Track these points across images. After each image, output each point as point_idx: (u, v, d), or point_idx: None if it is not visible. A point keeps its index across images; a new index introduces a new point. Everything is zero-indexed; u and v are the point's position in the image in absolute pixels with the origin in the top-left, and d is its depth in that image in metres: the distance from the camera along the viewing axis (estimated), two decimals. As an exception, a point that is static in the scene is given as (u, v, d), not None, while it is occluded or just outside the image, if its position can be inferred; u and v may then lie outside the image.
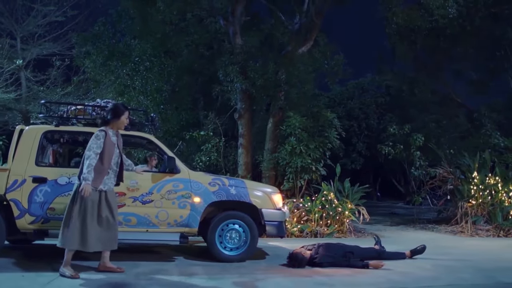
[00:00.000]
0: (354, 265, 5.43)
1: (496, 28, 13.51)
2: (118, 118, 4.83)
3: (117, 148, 4.84)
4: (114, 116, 4.82)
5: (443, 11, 10.53)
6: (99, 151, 4.61)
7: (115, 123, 4.84)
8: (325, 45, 13.06)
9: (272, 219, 5.80)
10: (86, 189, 4.47)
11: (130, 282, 4.44)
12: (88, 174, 4.50)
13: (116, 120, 4.83)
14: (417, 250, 6.25)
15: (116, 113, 4.83)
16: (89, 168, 4.51)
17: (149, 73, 12.18)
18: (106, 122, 4.84)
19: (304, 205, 9.17)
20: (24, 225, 5.32)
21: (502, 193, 10.26)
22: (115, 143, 4.81)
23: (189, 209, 5.57)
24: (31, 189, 5.32)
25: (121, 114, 4.84)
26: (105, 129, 4.75)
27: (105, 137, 4.67)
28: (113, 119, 4.82)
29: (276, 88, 11.16)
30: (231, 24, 11.90)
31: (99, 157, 4.63)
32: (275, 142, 11.35)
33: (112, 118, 4.82)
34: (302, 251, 5.55)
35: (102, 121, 4.92)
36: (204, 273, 4.97)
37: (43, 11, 13.75)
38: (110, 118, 4.82)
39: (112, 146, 4.74)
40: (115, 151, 4.80)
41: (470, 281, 4.78)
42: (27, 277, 4.51)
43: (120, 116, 4.83)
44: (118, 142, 4.88)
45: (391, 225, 11.89)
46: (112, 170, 4.78)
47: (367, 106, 23.66)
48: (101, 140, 4.64)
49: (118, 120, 4.83)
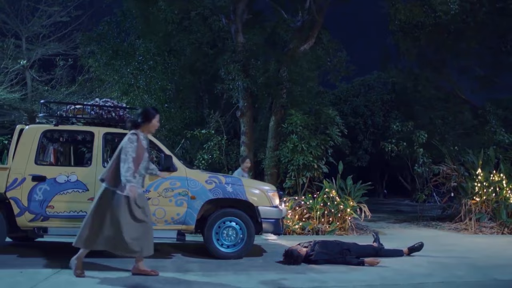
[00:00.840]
0: (349, 262, 5.46)
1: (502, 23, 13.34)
2: (149, 121, 4.74)
3: (146, 152, 4.77)
4: (145, 119, 4.73)
5: (445, 7, 10.46)
6: (134, 155, 4.52)
7: (146, 126, 4.75)
8: (328, 43, 13.03)
9: (268, 216, 5.84)
10: (133, 191, 4.40)
11: (125, 278, 4.50)
12: (131, 176, 4.42)
13: (147, 123, 4.74)
14: (415, 247, 6.25)
15: (147, 116, 4.74)
16: (129, 171, 4.43)
17: (153, 72, 12.26)
18: (137, 126, 4.72)
19: (306, 203, 9.19)
20: (24, 222, 5.43)
21: (506, 190, 10.16)
22: (145, 147, 4.73)
23: (186, 207, 5.63)
24: (31, 188, 5.42)
25: (152, 117, 4.76)
26: (136, 132, 4.66)
27: (137, 141, 4.60)
28: (144, 123, 4.73)
29: (277, 86, 11.18)
30: (233, 22, 11.93)
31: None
32: (277, 139, 11.37)
33: (143, 121, 4.72)
34: (298, 248, 5.59)
35: (133, 124, 4.76)
36: (199, 269, 5.03)
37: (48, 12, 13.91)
38: (141, 122, 4.72)
39: (142, 150, 4.66)
40: (145, 155, 4.72)
41: (463, 278, 4.78)
42: (25, 273, 4.60)
43: (151, 120, 4.75)
44: (147, 146, 4.83)
45: (394, 222, 11.86)
46: (140, 174, 4.67)
47: (373, 103, 23.54)
48: (134, 144, 4.55)
49: (149, 124, 4.75)
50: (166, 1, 11.64)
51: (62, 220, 5.46)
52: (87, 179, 5.53)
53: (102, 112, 6.04)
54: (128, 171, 4.43)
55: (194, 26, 14.05)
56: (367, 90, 24.65)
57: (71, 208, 5.46)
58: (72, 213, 5.46)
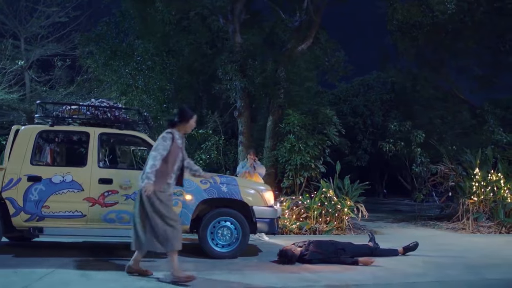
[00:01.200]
0: (344, 261, 5.47)
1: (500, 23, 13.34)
2: (186, 121, 4.67)
3: (181, 152, 4.70)
4: (182, 119, 4.65)
5: (442, 7, 10.47)
6: (165, 153, 4.45)
7: (182, 126, 4.67)
8: (326, 43, 13.04)
9: (263, 216, 5.86)
10: (148, 188, 4.32)
11: (119, 277, 4.53)
12: (151, 173, 4.33)
13: (184, 123, 4.67)
14: (410, 247, 6.26)
15: (185, 116, 4.66)
16: (152, 168, 4.35)
17: (152, 72, 12.30)
18: (173, 125, 4.65)
19: (303, 202, 9.20)
20: (19, 222, 5.45)
21: (504, 189, 10.16)
22: (180, 146, 4.66)
23: (181, 207, 5.65)
24: (26, 188, 5.44)
25: (189, 118, 4.68)
26: (172, 131, 4.58)
27: (172, 140, 4.52)
28: (181, 122, 4.65)
29: (275, 86, 11.20)
30: (231, 23, 11.96)
31: (165, 160, 4.47)
32: (274, 139, 11.39)
33: (180, 121, 4.65)
34: (292, 247, 5.61)
35: (170, 124, 4.69)
36: (193, 269, 5.03)
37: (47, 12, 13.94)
38: (178, 121, 4.65)
39: (178, 150, 4.59)
40: (179, 155, 4.65)
41: (456, 278, 4.79)
42: (19, 273, 4.62)
43: (188, 120, 4.68)
44: (183, 146, 4.77)
45: (392, 222, 11.86)
46: (175, 173, 4.62)
47: (372, 103, 23.57)
48: (167, 142, 4.48)
49: (186, 124, 4.69)
50: (163, 2, 11.65)
51: (57, 220, 5.48)
52: (82, 179, 5.54)
53: (98, 113, 6.06)
54: (152, 167, 4.35)
55: (193, 26, 14.08)
56: (367, 90, 24.69)
57: (66, 208, 5.47)
58: (67, 213, 5.47)
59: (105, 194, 5.54)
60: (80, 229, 5.58)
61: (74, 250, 6.18)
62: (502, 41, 14.21)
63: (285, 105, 11.27)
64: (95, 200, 5.52)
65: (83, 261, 5.23)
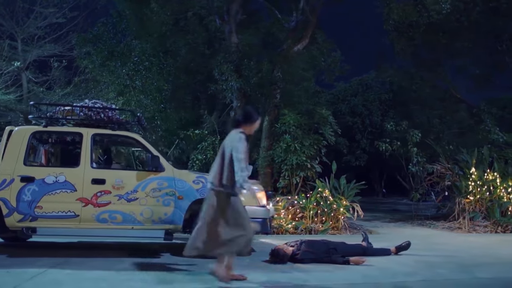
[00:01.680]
0: (335, 261, 5.48)
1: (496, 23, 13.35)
2: (252, 123, 4.58)
3: None
4: (248, 120, 4.57)
5: (438, 7, 10.48)
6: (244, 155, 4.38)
7: (247, 127, 4.56)
8: (322, 43, 13.06)
9: (256, 216, 5.83)
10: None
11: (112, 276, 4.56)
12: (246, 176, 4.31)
13: (249, 124, 4.57)
14: (402, 246, 6.27)
15: (251, 117, 4.59)
16: (245, 172, 4.30)
17: (149, 72, 12.32)
18: (239, 124, 4.56)
19: (299, 202, 9.21)
20: (13, 223, 5.48)
21: (500, 188, 10.15)
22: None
23: (174, 207, 5.68)
24: (19, 188, 5.47)
25: (255, 119, 4.62)
26: (243, 131, 4.48)
27: (246, 140, 4.44)
28: (247, 123, 4.56)
29: (271, 86, 11.22)
30: (227, 23, 11.98)
31: None
32: (270, 139, 11.40)
33: (245, 121, 4.57)
34: (284, 247, 5.63)
35: (236, 123, 4.63)
36: (185, 269, 5.07)
37: (44, 13, 13.98)
38: (243, 121, 4.57)
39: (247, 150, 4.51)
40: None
41: (445, 276, 4.81)
42: (11, 273, 4.65)
43: (254, 122, 4.60)
44: None
45: (389, 221, 11.87)
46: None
47: (371, 102, 23.54)
48: (245, 143, 4.39)
49: (252, 125, 4.59)
50: (158, 3, 11.68)
51: (50, 220, 5.51)
52: (75, 179, 5.57)
53: (91, 113, 6.09)
54: (243, 170, 4.27)
55: (190, 26, 14.11)
56: (365, 90, 24.64)
57: (59, 208, 5.50)
58: (60, 213, 5.51)
59: (98, 194, 5.57)
60: (73, 229, 5.61)
61: (67, 250, 6.21)
62: (499, 40, 14.21)
63: (281, 105, 11.29)
64: (88, 200, 5.55)
65: (76, 261, 5.26)
